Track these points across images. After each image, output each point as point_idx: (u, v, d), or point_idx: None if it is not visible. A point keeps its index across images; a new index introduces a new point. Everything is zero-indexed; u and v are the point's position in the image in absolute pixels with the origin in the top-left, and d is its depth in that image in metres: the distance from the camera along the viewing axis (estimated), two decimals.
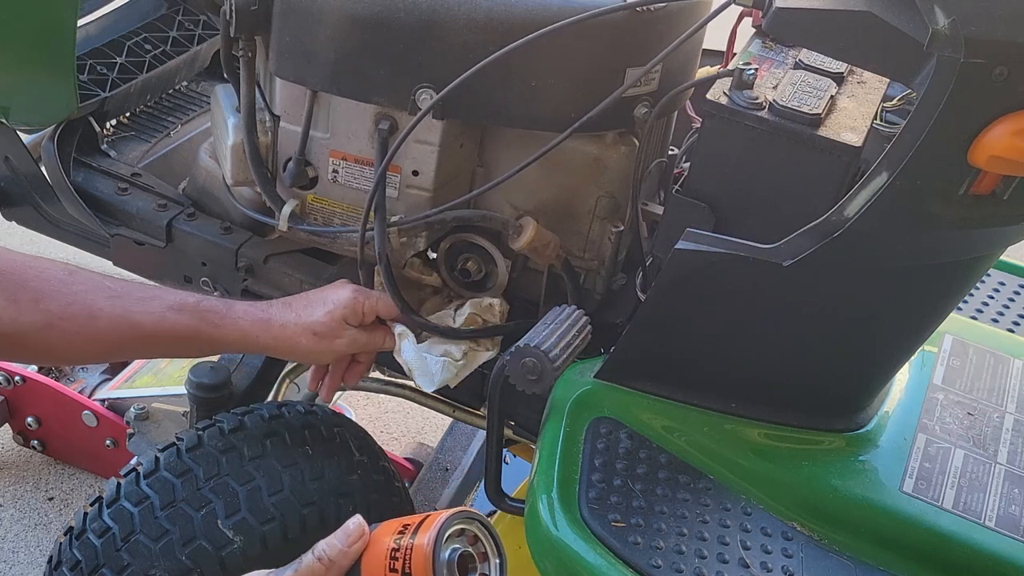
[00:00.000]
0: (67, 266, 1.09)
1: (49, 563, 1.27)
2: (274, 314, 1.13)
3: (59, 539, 1.27)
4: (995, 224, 0.94)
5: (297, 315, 1.13)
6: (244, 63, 1.16)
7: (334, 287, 1.17)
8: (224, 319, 1.11)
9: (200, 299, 1.12)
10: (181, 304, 1.10)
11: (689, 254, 0.98)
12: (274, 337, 1.12)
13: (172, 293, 1.12)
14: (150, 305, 1.09)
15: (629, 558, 0.94)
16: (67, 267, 1.08)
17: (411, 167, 1.14)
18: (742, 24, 1.09)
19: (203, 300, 1.12)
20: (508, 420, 1.21)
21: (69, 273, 1.07)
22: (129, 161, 1.50)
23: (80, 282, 1.07)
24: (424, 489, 1.78)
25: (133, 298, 1.08)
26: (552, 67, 1.07)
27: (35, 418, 1.95)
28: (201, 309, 1.10)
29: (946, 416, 1.14)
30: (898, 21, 0.85)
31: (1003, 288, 1.53)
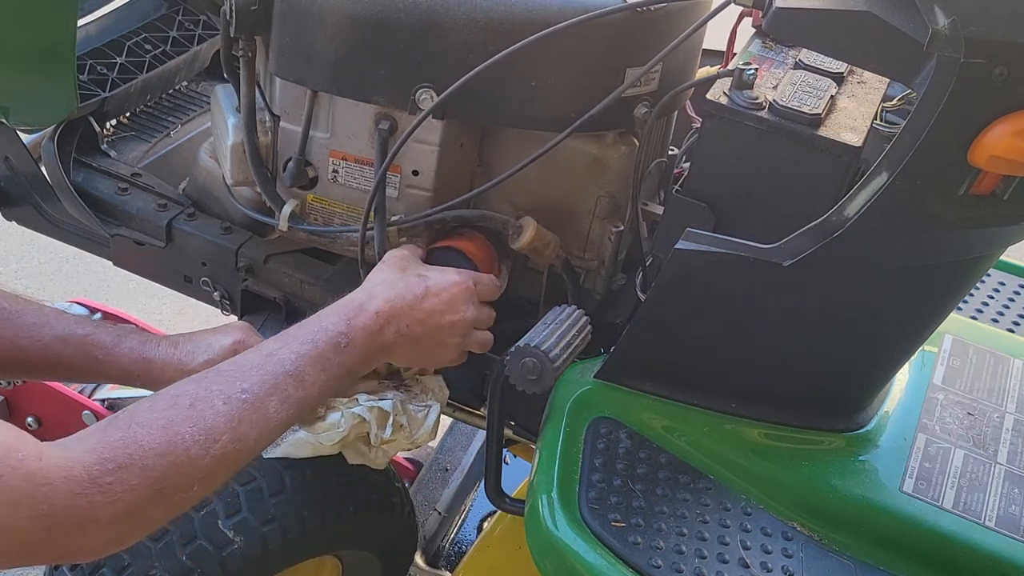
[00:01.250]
0: None
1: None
2: (158, 355, 1.10)
3: None
4: (995, 224, 0.94)
5: (179, 359, 1.10)
6: (244, 63, 1.16)
7: (223, 331, 1.14)
8: (108, 355, 1.09)
9: (89, 332, 1.10)
10: (67, 336, 1.08)
11: (689, 254, 0.98)
12: (153, 379, 1.09)
13: (64, 322, 1.10)
14: (39, 332, 1.07)
15: (629, 558, 0.94)
16: None
17: (411, 167, 1.14)
18: (742, 24, 1.09)
19: (91, 334, 1.10)
20: (508, 420, 1.21)
21: None
22: (129, 161, 1.50)
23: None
24: (424, 489, 1.78)
25: (25, 323, 1.07)
26: (552, 67, 1.07)
27: (35, 418, 1.95)
28: (87, 343, 1.09)
29: (946, 416, 1.15)
30: (898, 21, 0.85)
31: (1003, 288, 1.53)
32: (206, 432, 0.87)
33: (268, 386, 0.93)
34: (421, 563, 1.65)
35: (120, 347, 1.10)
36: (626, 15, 1.05)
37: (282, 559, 1.26)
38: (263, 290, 1.35)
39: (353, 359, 1.01)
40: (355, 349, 1.00)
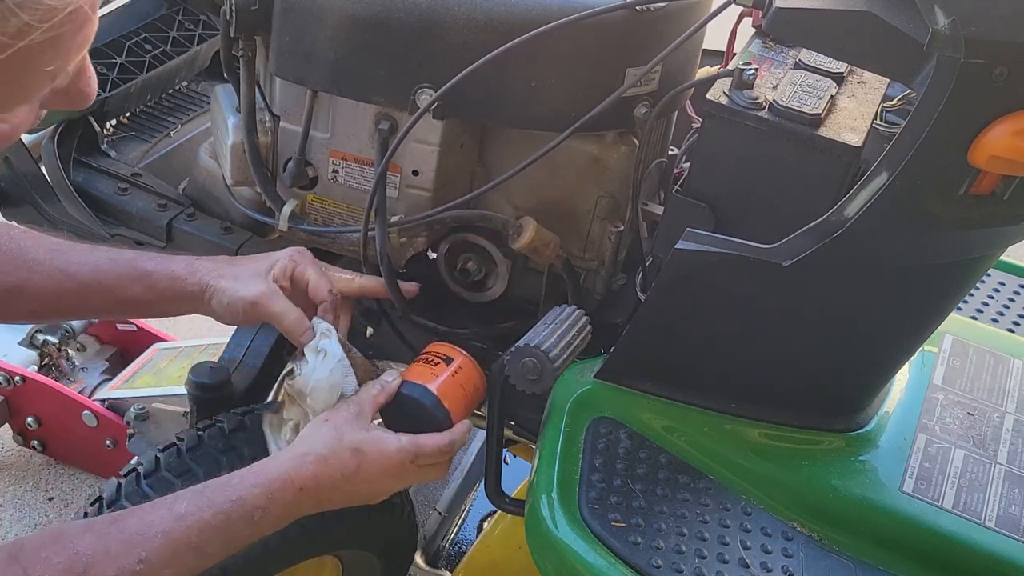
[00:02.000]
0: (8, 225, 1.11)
1: None
2: (204, 261, 1.13)
3: None
4: (995, 224, 0.94)
5: (228, 263, 1.13)
6: (244, 63, 1.16)
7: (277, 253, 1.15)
8: (157, 265, 1.11)
9: (138, 253, 1.14)
10: (116, 256, 1.12)
11: (689, 254, 0.98)
12: (198, 280, 1.10)
13: (112, 248, 1.15)
14: (87, 256, 1.10)
15: (629, 558, 0.94)
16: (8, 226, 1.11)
17: (411, 167, 1.14)
18: (742, 24, 1.09)
19: (140, 254, 1.14)
20: (508, 420, 1.21)
21: (8, 230, 1.10)
22: (129, 161, 1.50)
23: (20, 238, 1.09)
24: (424, 489, 1.78)
25: (74, 252, 1.10)
26: (552, 67, 1.07)
27: (35, 418, 1.95)
28: (136, 258, 1.12)
29: (946, 416, 1.14)
30: (898, 21, 0.85)
31: (1003, 288, 1.53)
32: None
33: (167, 557, 0.91)
34: (421, 563, 1.65)
35: (169, 258, 1.13)
36: (626, 15, 1.05)
37: (282, 559, 1.26)
38: None
39: (263, 530, 0.99)
40: (268, 521, 0.98)
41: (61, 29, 0.59)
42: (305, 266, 1.12)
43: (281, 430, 1.13)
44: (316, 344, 1.08)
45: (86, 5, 0.60)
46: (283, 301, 1.08)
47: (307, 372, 1.07)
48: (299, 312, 1.09)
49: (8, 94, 0.63)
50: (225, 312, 1.10)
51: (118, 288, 1.09)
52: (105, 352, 2.06)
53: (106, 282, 1.09)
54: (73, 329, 1.99)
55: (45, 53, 0.60)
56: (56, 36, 0.59)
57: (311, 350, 1.08)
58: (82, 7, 0.59)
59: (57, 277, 1.07)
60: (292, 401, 1.12)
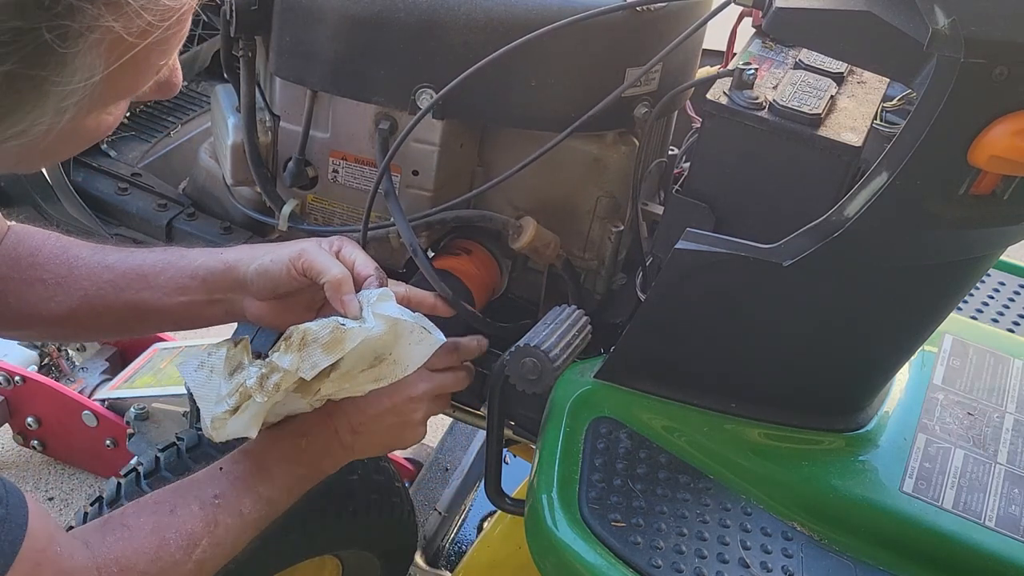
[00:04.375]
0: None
1: None
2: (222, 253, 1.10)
3: None
4: (995, 224, 0.94)
5: (239, 256, 1.08)
6: (244, 63, 1.16)
7: (289, 243, 1.10)
8: (186, 250, 1.10)
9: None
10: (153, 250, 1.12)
11: (689, 254, 0.98)
12: (235, 253, 1.07)
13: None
14: (123, 251, 1.10)
15: (629, 558, 0.94)
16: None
17: (411, 167, 1.14)
18: (742, 24, 1.09)
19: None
20: (508, 420, 1.21)
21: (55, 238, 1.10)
22: (129, 161, 1.50)
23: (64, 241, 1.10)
24: (424, 489, 1.78)
25: (110, 249, 1.10)
26: (552, 67, 1.07)
27: (35, 418, 1.95)
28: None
29: (946, 416, 1.14)
30: (898, 21, 0.85)
31: (1003, 288, 1.53)
32: (187, 538, 0.92)
33: (241, 487, 0.96)
34: (421, 563, 1.65)
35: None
36: (626, 15, 1.05)
37: (282, 559, 1.26)
38: None
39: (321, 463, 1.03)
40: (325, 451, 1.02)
41: (175, 28, 0.63)
42: (352, 248, 1.05)
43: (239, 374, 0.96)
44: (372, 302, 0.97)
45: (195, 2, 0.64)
46: (329, 256, 1.01)
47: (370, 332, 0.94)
48: (344, 269, 1.00)
49: (125, 88, 0.68)
50: (262, 276, 1.02)
51: (152, 274, 1.07)
52: (105, 352, 2.06)
53: (143, 268, 1.07)
54: None
55: (159, 50, 0.65)
56: (171, 34, 0.63)
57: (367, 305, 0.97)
58: (192, 5, 0.63)
59: (97, 270, 1.07)
60: (294, 349, 0.95)
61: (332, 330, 0.92)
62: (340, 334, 0.92)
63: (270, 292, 1.03)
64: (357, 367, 0.95)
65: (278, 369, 0.92)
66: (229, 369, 0.96)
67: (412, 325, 0.96)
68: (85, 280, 1.06)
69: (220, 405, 0.94)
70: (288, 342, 0.93)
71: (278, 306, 1.05)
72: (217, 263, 1.06)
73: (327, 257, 1.00)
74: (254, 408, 0.93)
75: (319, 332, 0.92)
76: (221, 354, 0.97)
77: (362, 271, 1.01)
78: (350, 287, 0.98)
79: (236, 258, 1.05)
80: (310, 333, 0.92)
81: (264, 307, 1.05)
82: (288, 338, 0.94)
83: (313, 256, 0.99)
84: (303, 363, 0.92)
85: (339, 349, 0.92)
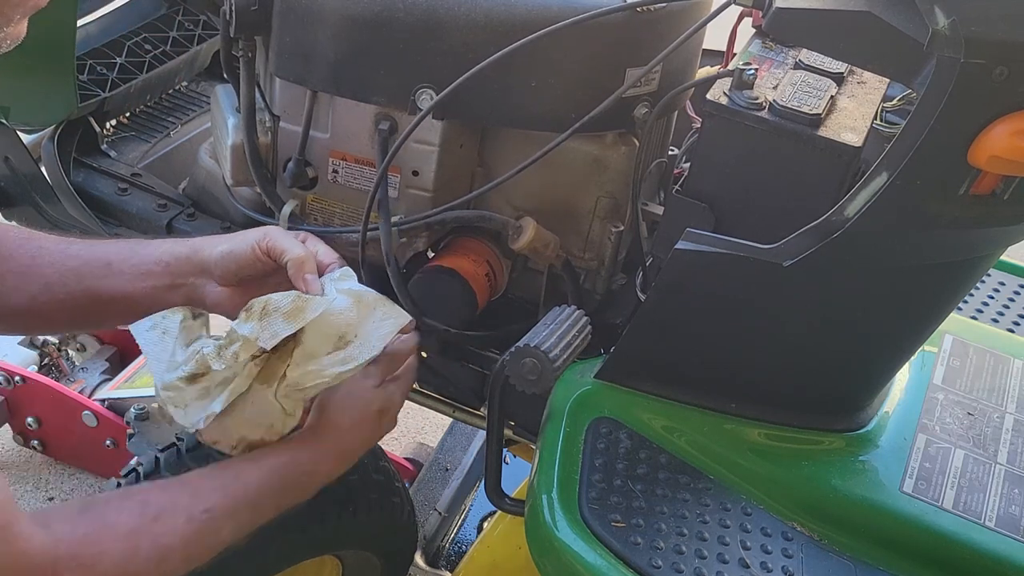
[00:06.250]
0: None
1: None
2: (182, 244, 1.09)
3: None
4: (995, 224, 0.94)
5: (198, 246, 1.08)
6: (244, 63, 1.16)
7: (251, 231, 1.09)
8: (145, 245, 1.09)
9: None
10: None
11: (689, 254, 0.98)
12: (198, 240, 1.07)
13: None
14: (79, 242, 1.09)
15: (629, 558, 0.94)
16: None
17: (411, 167, 1.14)
18: (742, 24, 1.09)
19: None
20: (508, 420, 1.21)
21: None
22: (129, 161, 1.50)
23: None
24: (424, 489, 1.78)
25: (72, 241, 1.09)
26: (552, 67, 1.07)
27: (35, 418, 1.95)
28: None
29: (946, 416, 1.15)
30: (898, 21, 0.85)
31: (1003, 288, 1.53)
32: (160, 552, 0.91)
33: (228, 511, 0.95)
34: (421, 563, 1.65)
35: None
36: (626, 15, 1.05)
37: (282, 559, 1.26)
38: None
39: (307, 494, 1.03)
40: (315, 484, 1.02)
41: None
42: (316, 240, 1.06)
43: (196, 343, 0.94)
44: (335, 279, 0.97)
45: None
46: (293, 239, 1.02)
47: (331, 303, 0.94)
48: (307, 250, 1.01)
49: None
50: (227, 258, 1.01)
51: (116, 260, 1.06)
52: (105, 352, 2.06)
53: (107, 255, 1.06)
54: None
55: None
56: None
57: (329, 283, 0.97)
58: None
59: (60, 259, 1.06)
60: (255, 317, 0.93)
61: (294, 299, 0.92)
62: (302, 303, 0.91)
63: (234, 275, 1.03)
64: (321, 347, 0.93)
65: (237, 338, 0.90)
66: (185, 340, 0.94)
67: (377, 298, 0.95)
68: (48, 268, 1.05)
69: (175, 371, 0.92)
70: (249, 312, 0.92)
71: (239, 294, 1.04)
72: (181, 248, 1.06)
73: (291, 239, 1.01)
74: (216, 378, 0.91)
75: (280, 301, 0.92)
76: (176, 319, 0.95)
77: (324, 259, 1.02)
78: (313, 267, 0.99)
79: (201, 243, 1.05)
80: (271, 302, 0.92)
81: (225, 293, 1.05)
82: (249, 309, 0.92)
83: (277, 237, 1.01)
84: (263, 332, 0.90)
85: (300, 318, 0.91)
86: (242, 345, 0.90)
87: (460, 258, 1.18)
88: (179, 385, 0.91)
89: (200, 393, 0.91)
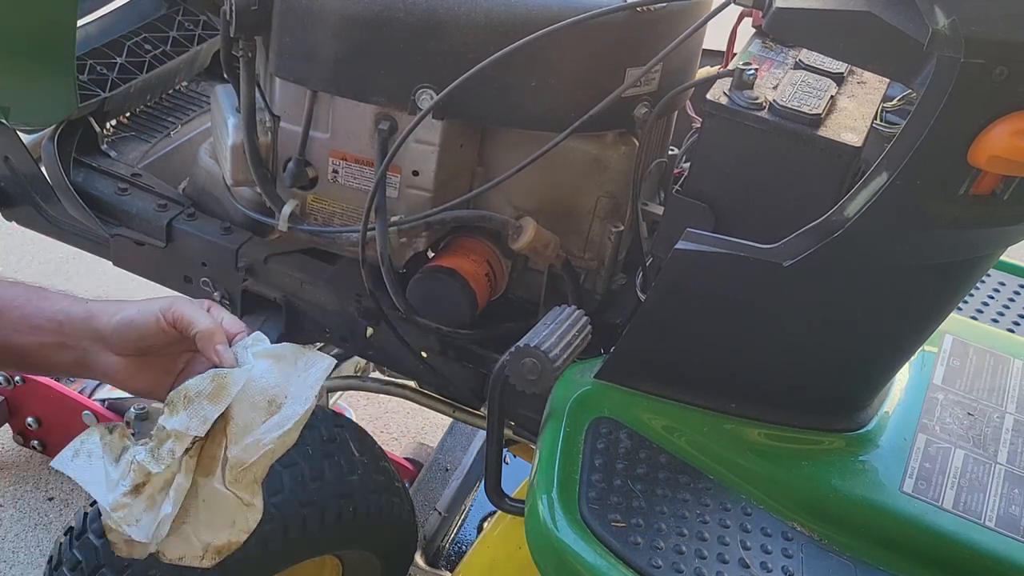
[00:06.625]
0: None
1: (49, 563, 1.27)
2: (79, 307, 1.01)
3: (59, 539, 1.27)
4: (995, 224, 0.94)
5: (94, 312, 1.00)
6: (244, 63, 1.16)
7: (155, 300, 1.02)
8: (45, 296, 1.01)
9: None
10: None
11: (689, 254, 0.98)
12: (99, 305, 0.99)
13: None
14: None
15: (629, 558, 0.94)
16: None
17: (411, 167, 1.14)
18: (742, 24, 1.09)
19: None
20: (508, 420, 1.21)
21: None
22: (129, 161, 1.50)
23: None
24: (424, 489, 1.78)
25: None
26: (552, 67, 1.07)
27: (35, 418, 1.95)
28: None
29: (946, 416, 1.15)
30: (898, 21, 0.85)
31: (1003, 288, 1.53)
32: None
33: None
34: (421, 563, 1.64)
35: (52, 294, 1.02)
36: (626, 15, 1.05)
37: (282, 559, 1.26)
38: (263, 290, 1.35)
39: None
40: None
41: None
42: (220, 308, 1.00)
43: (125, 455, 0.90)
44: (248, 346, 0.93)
45: None
46: (200, 309, 0.96)
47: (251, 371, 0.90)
48: (215, 321, 0.95)
49: None
50: (127, 327, 0.95)
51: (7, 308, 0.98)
52: None
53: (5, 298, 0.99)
54: None
55: None
56: None
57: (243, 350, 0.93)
58: None
59: None
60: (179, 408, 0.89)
61: (212, 378, 0.89)
62: (222, 380, 0.89)
63: (133, 346, 0.97)
64: (255, 418, 0.89)
65: (168, 434, 0.87)
66: (113, 455, 0.91)
67: (295, 350, 0.92)
68: None
69: (116, 489, 0.88)
70: (171, 405, 0.89)
71: (135, 365, 0.98)
72: (78, 309, 0.98)
73: (198, 310, 0.96)
74: (158, 483, 0.87)
75: (200, 385, 0.89)
76: (94, 439, 0.91)
77: (232, 328, 0.97)
78: (223, 337, 0.94)
79: (99, 309, 0.98)
80: (191, 388, 0.89)
81: (120, 364, 0.98)
82: (170, 403, 0.89)
83: (184, 308, 0.95)
84: (192, 420, 0.87)
85: (225, 395, 0.88)
86: (175, 440, 0.87)
87: (460, 258, 1.18)
88: (125, 501, 0.87)
89: (147, 503, 0.87)
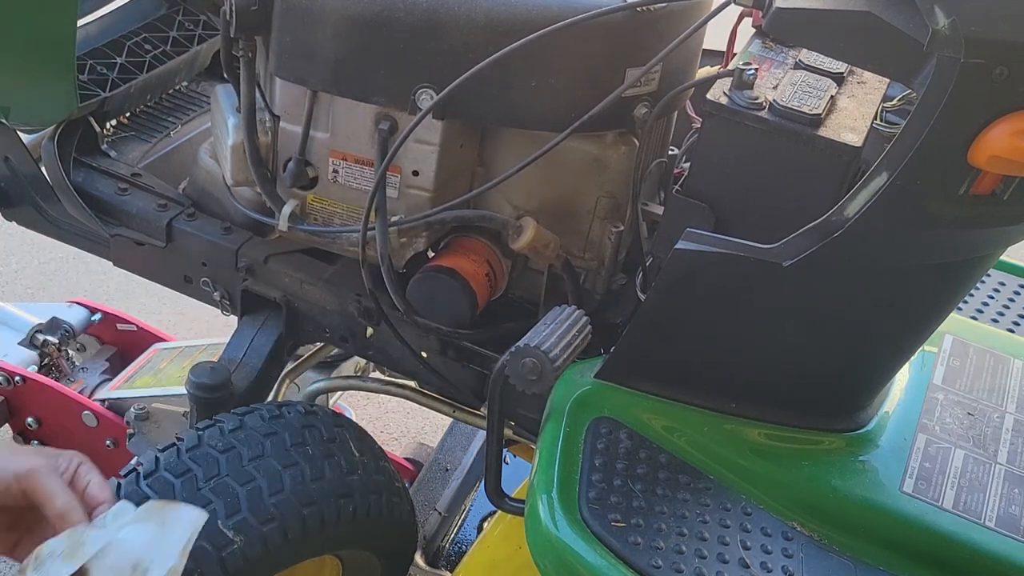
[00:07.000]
0: None
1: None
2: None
3: None
4: (995, 224, 0.94)
5: (5, 446, 0.96)
6: (244, 63, 1.16)
7: (22, 453, 0.98)
8: None
9: None
10: None
11: (689, 254, 0.98)
12: None
13: None
14: None
15: (629, 558, 0.94)
16: None
17: (411, 167, 1.14)
18: (742, 24, 1.09)
19: None
20: (508, 420, 1.21)
21: None
22: (129, 161, 1.50)
23: None
24: (424, 489, 1.78)
25: None
26: (552, 67, 1.07)
27: (35, 418, 1.95)
28: None
29: (946, 416, 1.15)
30: (898, 21, 0.85)
31: (1003, 288, 1.53)
32: None
33: None
34: (421, 563, 1.65)
35: None
36: (626, 15, 1.05)
37: (282, 559, 1.26)
38: (263, 290, 1.35)
39: None
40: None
41: None
42: (89, 469, 0.94)
43: None
44: (114, 518, 0.88)
45: None
46: (59, 481, 0.90)
47: (115, 535, 0.86)
48: (74, 497, 0.89)
49: None
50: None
51: None
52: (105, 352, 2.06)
53: None
54: (73, 329, 1.99)
55: None
56: None
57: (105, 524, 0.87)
58: None
59: None
60: (30, 568, 0.85)
61: (68, 535, 0.85)
62: (79, 537, 0.85)
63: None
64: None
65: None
66: None
67: (160, 506, 0.88)
68: None
69: None
70: (22, 572, 0.85)
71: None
72: None
73: (57, 481, 0.90)
74: None
75: (55, 544, 0.85)
76: None
77: (96, 496, 0.92)
78: (79, 516, 0.88)
79: None
80: (45, 548, 0.85)
81: None
82: (23, 569, 0.85)
83: (41, 479, 0.89)
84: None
85: (80, 554, 0.84)
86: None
87: (460, 258, 1.18)
88: None
89: None
